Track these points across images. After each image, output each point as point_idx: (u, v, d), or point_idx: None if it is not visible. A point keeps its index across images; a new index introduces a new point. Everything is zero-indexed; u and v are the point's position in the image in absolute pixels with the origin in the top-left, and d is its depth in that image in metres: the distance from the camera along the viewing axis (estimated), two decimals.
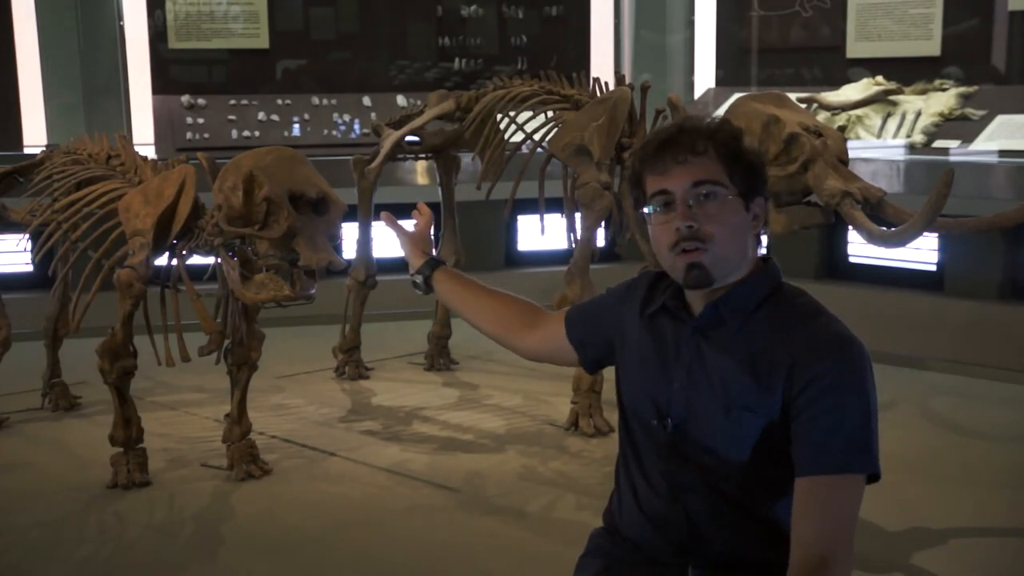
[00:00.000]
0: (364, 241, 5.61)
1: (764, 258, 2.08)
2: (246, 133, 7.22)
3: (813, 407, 1.90)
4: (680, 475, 2.04)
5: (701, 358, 2.03)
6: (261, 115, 7.31)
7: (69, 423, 4.96)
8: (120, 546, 3.68)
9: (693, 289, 2.03)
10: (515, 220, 7.17)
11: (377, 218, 5.81)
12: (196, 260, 4.01)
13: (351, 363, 5.66)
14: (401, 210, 7.76)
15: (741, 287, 2.02)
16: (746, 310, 2.02)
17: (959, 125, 6.31)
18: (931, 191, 3.41)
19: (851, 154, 3.92)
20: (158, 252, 3.97)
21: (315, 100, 7.46)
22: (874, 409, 1.93)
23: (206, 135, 7.16)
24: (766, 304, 2.02)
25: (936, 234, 5.24)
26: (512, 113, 5.11)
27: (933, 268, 6.01)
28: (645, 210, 2.04)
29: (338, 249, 3.71)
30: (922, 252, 5.95)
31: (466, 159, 5.90)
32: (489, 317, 2.41)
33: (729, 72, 7.90)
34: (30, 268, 6.27)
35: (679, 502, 2.05)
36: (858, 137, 6.53)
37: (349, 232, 5.60)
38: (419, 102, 5.96)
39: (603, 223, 4.77)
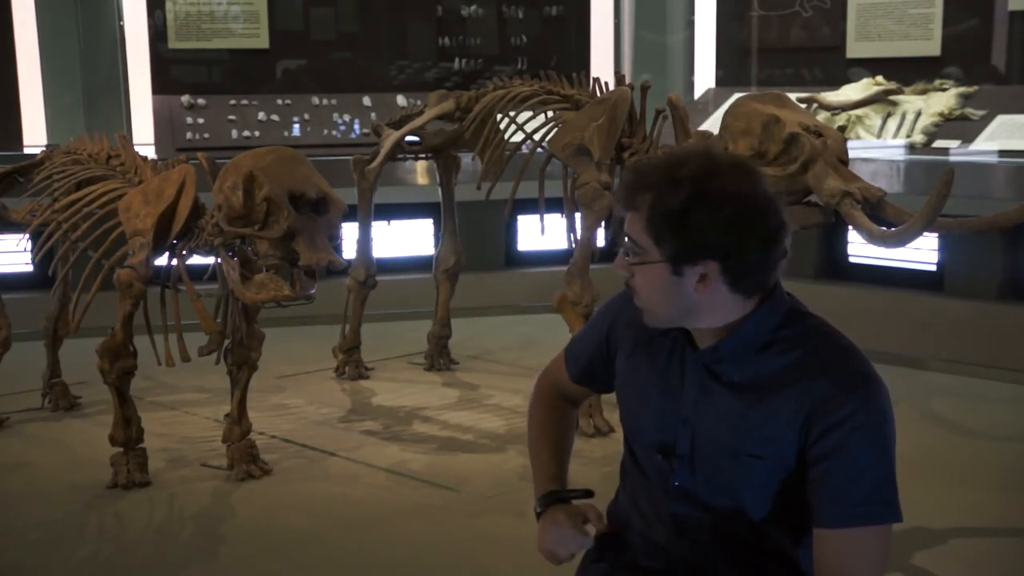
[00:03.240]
0: (364, 241, 5.61)
1: (772, 287, 1.89)
2: (246, 133, 7.22)
3: (831, 456, 1.78)
4: (687, 514, 1.93)
5: (708, 394, 1.89)
6: (261, 115, 7.31)
7: (69, 423, 4.96)
8: (120, 546, 3.69)
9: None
10: (515, 220, 7.16)
11: (377, 218, 5.84)
12: (196, 260, 4.02)
13: (351, 363, 5.66)
14: (401, 210, 7.74)
15: (740, 332, 1.86)
16: (748, 352, 1.86)
17: (959, 125, 6.30)
18: (931, 191, 3.41)
19: (851, 154, 3.93)
20: (158, 252, 3.97)
21: (315, 100, 7.45)
22: (894, 453, 1.82)
23: (206, 135, 7.16)
24: (778, 341, 1.86)
25: (936, 234, 5.24)
26: (512, 113, 5.11)
27: (933, 268, 6.00)
28: None
29: (338, 249, 3.72)
30: (922, 252, 5.94)
31: (466, 159, 5.90)
32: (557, 433, 2.25)
33: (729, 72, 7.90)
34: (30, 268, 6.26)
35: (684, 538, 1.94)
36: (858, 137, 6.52)
37: (349, 232, 5.60)
38: (419, 102, 5.95)
39: (603, 223, 4.77)
